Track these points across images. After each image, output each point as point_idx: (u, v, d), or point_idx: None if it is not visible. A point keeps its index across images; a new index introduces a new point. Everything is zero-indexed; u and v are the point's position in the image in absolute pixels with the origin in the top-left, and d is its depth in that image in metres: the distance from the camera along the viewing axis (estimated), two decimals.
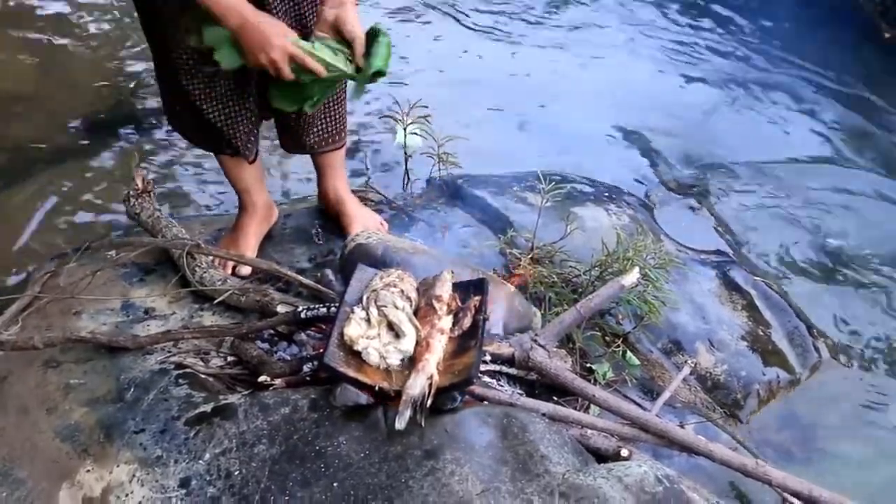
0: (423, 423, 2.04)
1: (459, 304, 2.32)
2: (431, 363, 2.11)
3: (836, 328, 3.55)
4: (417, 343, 2.19)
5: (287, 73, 2.39)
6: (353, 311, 2.24)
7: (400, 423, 2.00)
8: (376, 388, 2.12)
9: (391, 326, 2.22)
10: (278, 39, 2.35)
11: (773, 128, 5.13)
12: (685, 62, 5.85)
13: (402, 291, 2.31)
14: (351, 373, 2.13)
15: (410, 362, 2.17)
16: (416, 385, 2.05)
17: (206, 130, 2.74)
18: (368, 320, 2.22)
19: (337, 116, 2.96)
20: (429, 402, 2.06)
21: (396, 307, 2.24)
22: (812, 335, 3.41)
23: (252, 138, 2.79)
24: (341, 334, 2.19)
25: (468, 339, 2.25)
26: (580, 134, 4.72)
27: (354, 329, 2.19)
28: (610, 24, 6.28)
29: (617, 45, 5.98)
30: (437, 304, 2.28)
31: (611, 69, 5.56)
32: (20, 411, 2.23)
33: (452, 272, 2.40)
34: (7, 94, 4.38)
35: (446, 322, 2.25)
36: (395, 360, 2.18)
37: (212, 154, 2.94)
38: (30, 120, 4.19)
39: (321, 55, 2.43)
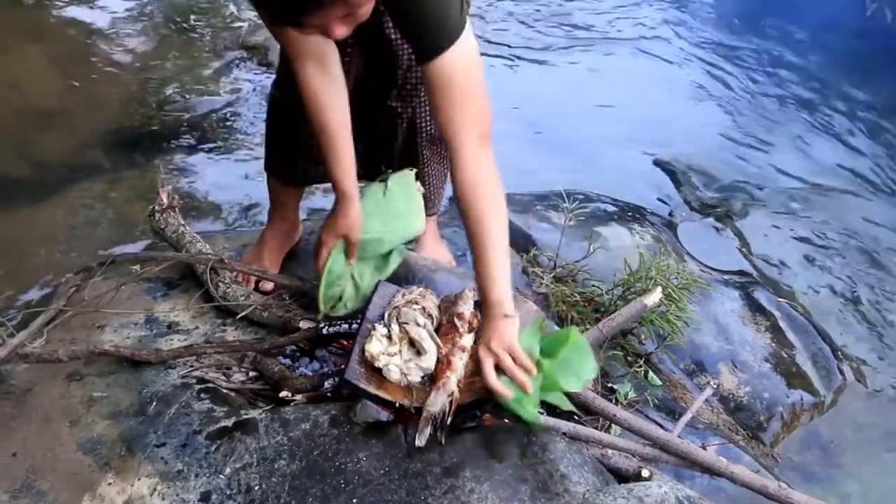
0: (443, 441, 2.04)
1: (481, 322, 2.32)
2: (452, 381, 2.10)
3: (861, 351, 3.52)
4: (438, 360, 2.19)
5: (317, 262, 2.49)
6: (374, 328, 2.24)
7: (420, 441, 2.01)
8: (397, 404, 2.12)
9: (412, 343, 2.22)
10: (325, 232, 2.46)
11: (800, 152, 5.11)
12: (712, 82, 5.86)
13: (424, 308, 2.31)
14: (372, 389, 2.13)
15: (431, 380, 2.16)
16: (437, 402, 2.06)
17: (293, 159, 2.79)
18: (390, 337, 2.22)
19: (430, 188, 2.96)
20: (449, 420, 2.06)
21: (418, 324, 2.23)
22: (837, 357, 3.39)
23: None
24: (362, 350, 2.19)
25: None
26: (603, 152, 4.73)
27: (376, 346, 2.19)
28: (634, 43, 6.28)
29: (642, 63, 5.99)
30: (458, 322, 2.27)
31: (635, 87, 5.57)
32: (43, 423, 2.24)
33: (474, 290, 2.39)
34: (33, 108, 4.41)
35: (468, 340, 2.25)
36: (416, 378, 2.17)
37: (237, 168, 2.95)
38: (55, 135, 4.22)
39: (325, 281, 2.50)
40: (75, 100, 4.61)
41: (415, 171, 2.70)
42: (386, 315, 2.30)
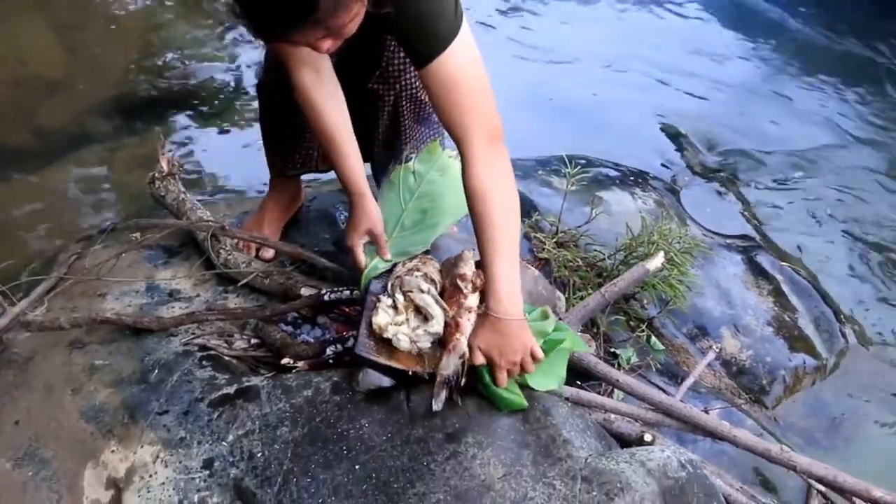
0: (460, 402, 2.06)
1: (483, 281, 2.30)
2: (462, 342, 2.10)
3: (864, 314, 3.52)
4: (446, 324, 2.18)
5: (358, 267, 2.41)
6: (379, 300, 2.24)
7: (437, 405, 2.03)
8: (410, 372, 2.12)
9: (419, 310, 2.21)
10: (349, 233, 2.40)
11: (804, 115, 5.08)
12: (715, 46, 5.81)
13: (426, 275, 2.30)
14: (383, 360, 2.13)
15: (441, 344, 2.16)
16: (450, 365, 2.07)
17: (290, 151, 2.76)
18: (395, 307, 2.22)
19: None
20: (463, 381, 2.07)
21: (422, 291, 2.23)
22: (839, 321, 3.39)
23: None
24: (370, 324, 2.19)
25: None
26: (606, 117, 4.70)
27: (383, 317, 2.18)
28: (638, 6, 6.23)
29: (645, 26, 5.94)
30: (461, 284, 2.26)
31: (638, 52, 5.53)
32: (46, 392, 2.24)
33: (473, 250, 2.38)
34: (34, 76, 4.39)
35: (473, 300, 2.23)
36: (426, 344, 2.17)
37: (238, 136, 2.93)
38: (56, 103, 4.21)
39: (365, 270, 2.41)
40: (76, 67, 4.58)
41: (438, 139, 2.66)
42: (389, 286, 2.29)
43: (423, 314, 2.21)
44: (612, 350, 2.80)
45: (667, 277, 2.89)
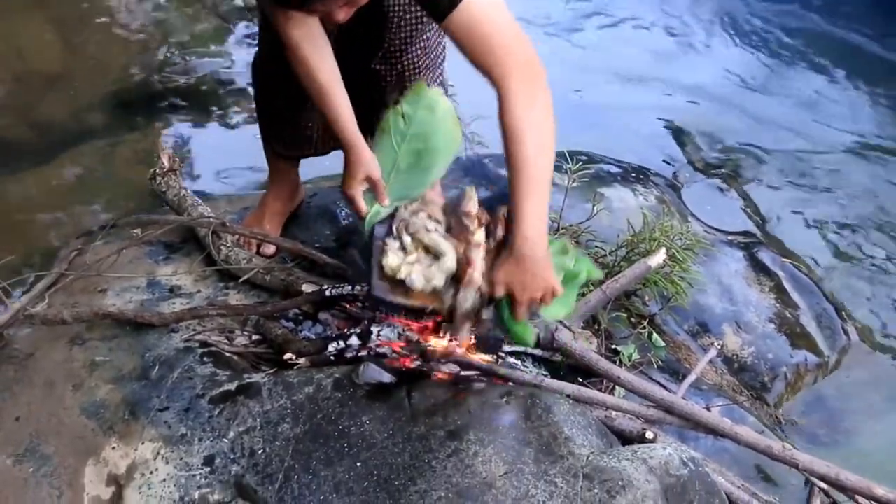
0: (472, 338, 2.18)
1: (489, 216, 2.26)
2: (476, 276, 2.10)
3: (866, 311, 3.51)
4: (458, 260, 2.17)
5: (359, 213, 2.36)
6: (386, 244, 2.21)
7: (462, 336, 2.12)
8: (429, 309, 2.13)
9: (427, 250, 2.19)
10: (347, 182, 2.33)
11: (806, 112, 5.07)
12: (716, 42, 5.80)
13: (430, 215, 2.28)
14: (400, 300, 2.13)
15: (455, 280, 2.14)
16: (468, 298, 2.08)
17: (289, 134, 2.75)
18: (404, 249, 2.20)
19: None
20: (486, 314, 2.12)
21: (428, 230, 2.22)
22: (841, 318, 3.39)
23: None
24: (381, 267, 2.17)
25: (504, 250, 2.18)
26: (606, 112, 4.69)
27: (393, 259, 2.16)
28: (638, 3, 6.22)
29: (647, 22, 5.93)
30: (467, 221, 2.22)
31: (640, 47, 5.52)
32: (47, 388, 2.24)
33: (475, 188, 2.34)
34: (34, 72, 4.39)
35: (480, 235, 2.19)
36: (440, 281, 2.14)
37: (239, 132, 2.92)
38: (56, 98, 4.20)
39: (367, 216, 2.36)
40: (76, 62, 4.58)
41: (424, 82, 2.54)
42: (394, 229, 2.26)
43: (431, 253, 2.19)
44: (614, 347, 2.79)
45: (668, 274, 2.88)
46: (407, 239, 2.21)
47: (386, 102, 2.52)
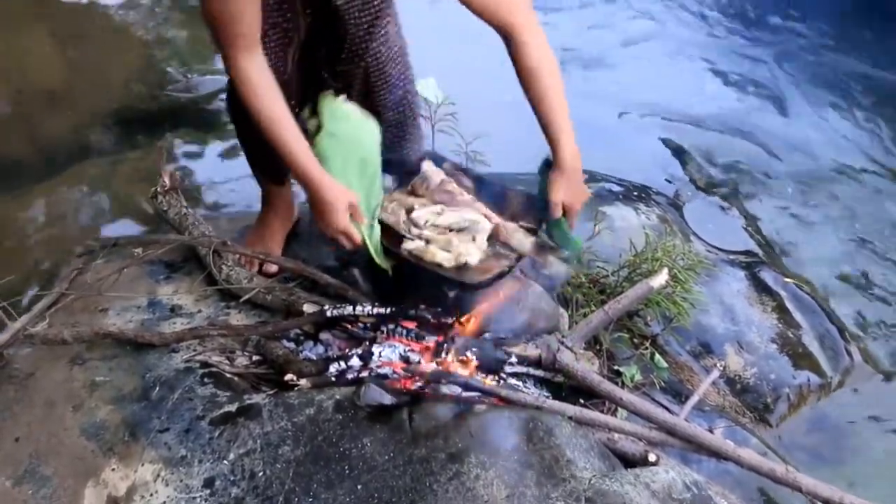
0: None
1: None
2: (509, 225, 2.53)
3: (869, 332, 3.50)
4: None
5: (347, 246, 2.40)
6: (411, 254, 2.41)
7: (551, 268, 2.63)
8: (507, 268, 2.43)
9: (451, 230, 2.44)
10: (337, 218, 2.34)
11: (808, 131, 5.07)
12: (722, 61, 5.81)
13: (420, 204, 2.51)
14: (485, 276, 2.37)
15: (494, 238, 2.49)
16: (522, 242, 2.51)
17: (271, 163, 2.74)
18: (428, 241, 2.40)
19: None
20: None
21: (439, 213, 2.46)
22: (844, 338, 3.37)
23: None
24: (440, 265, 2.36)
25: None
26: (608, 131, 4.69)
27: (441, 255, 2.37)
28: (642, 20, 6.23)
29: (649, 40, 5.93)
30: (451, 188, 2.56)
31: (642, 65, 5.52)
32: (47, 408, 2.23)
33: (423, 159, 2.70)
34: (36, 88, 4.39)
35: (466, 195, 2.56)
36: (484, 244, 2.44)
37: (240, 150, 2.91)
38: (58, 115, 4.20)
39: (370, 243, 2.43)
40: (78, 79, 4.58)
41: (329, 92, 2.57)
42: (406, 234, 2.43)
43: (453, 231, 2.42)
44: (616, 368, 2.78)
45: (670, 294, 2.88)
46: (427, 232, 2.41)
47: (355, 100, 2.56)
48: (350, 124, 2.49)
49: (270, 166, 2.77)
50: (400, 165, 2.78)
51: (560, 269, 2.67)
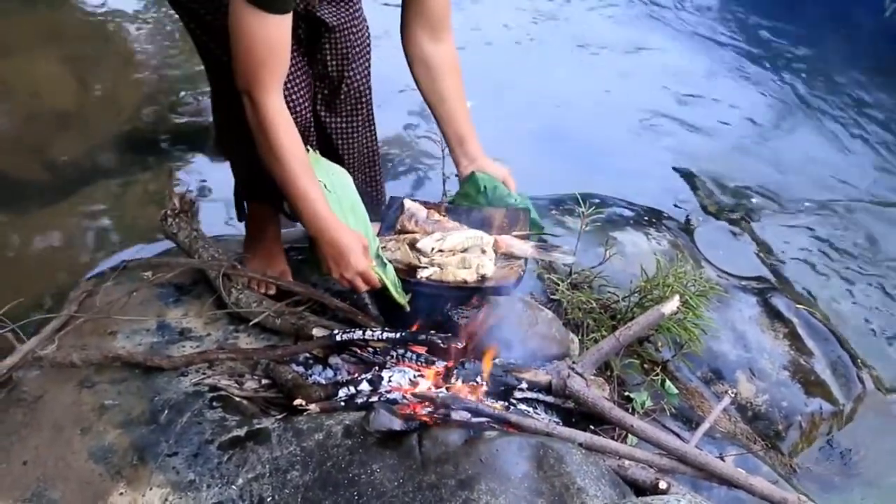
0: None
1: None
2: (494, 232, 2.69)
3: (882, 359, 3.48)
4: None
5: (363, 288, 2.45)
6: (429, 278, 2.50)
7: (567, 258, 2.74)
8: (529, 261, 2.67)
9: (456, 252, 2.54)
10: (356, 260, 2.37)
11: (820, 156, 5.06)
12: (728, 84, 5.81)
13: (419, 236, 2.61)
14: (505, 281, 2.52)
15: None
16: (525, 247, 2.64)
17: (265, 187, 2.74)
18: (440, 266, 2.48)
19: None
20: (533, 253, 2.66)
21: (440, 239, 2.55)
22: (856, 365, 3.35)
23: None
24: (463, 282, 2.48)
25: None
26: (618, 155, 4.69)
27: (462, 273, 2.48)
28: (653, 44, 6.25)
29: (659, 65, 5.94)
30: (438, 217, 2.74)
31: (653, 89, 5.53)
32: (55, 431, 2.23)
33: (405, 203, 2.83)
34: (47, 110, 4.41)
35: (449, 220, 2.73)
36: (493, 256, 2.57)
37: None
38: (68, 137, 4.22)
39: (387, 280, 2.47)
40: (88, 101, 4.61)
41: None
42: (420, 265, 2.52)
43: (462, 251, 2.55)
44: (627, 394, 2.76)
45: (682, 320, 2.86)
46: (437, 257, 2.51)
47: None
48: (334, 175, 2.58)
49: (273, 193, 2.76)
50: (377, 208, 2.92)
51: (567, 258, 2.76)
